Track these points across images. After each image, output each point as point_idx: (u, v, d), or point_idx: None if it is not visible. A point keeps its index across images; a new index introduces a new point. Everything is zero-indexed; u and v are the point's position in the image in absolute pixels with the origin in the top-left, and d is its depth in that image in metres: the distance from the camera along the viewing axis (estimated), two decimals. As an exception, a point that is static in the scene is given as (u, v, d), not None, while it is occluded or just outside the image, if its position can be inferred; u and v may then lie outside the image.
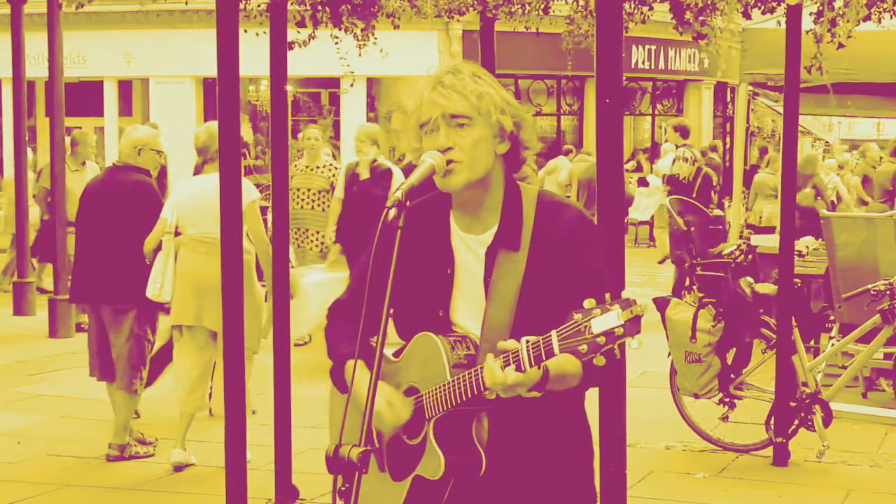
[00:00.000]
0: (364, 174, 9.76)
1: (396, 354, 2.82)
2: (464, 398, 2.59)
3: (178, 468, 6.70)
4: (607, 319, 2.33)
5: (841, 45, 6.27)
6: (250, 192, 6.66)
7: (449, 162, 2.68)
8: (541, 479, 2.77)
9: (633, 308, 2.32)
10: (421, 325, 2.74)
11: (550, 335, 2.41)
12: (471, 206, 2.77)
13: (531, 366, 2.45)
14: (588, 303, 2.36)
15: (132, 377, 6.93)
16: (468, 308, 2.75)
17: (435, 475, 2.65)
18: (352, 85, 13.59)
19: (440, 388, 2.64)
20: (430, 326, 2.73)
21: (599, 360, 2.36)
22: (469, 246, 2.78)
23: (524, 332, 2.55)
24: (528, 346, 2.45)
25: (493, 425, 2.70)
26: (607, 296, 2.36)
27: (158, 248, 6.76)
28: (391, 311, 2.77)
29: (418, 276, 2.77)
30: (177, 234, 6.77)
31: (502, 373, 2.47)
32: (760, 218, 13.69)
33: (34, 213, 12.99)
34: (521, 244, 2.71)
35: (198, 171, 7.24)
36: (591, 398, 4.42)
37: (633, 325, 2.32)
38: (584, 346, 2.35)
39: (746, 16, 7.66)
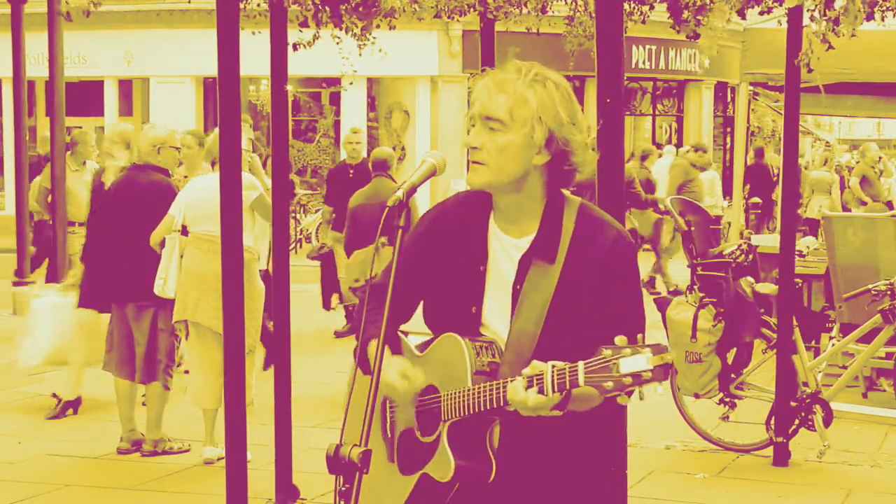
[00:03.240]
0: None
1: (422, 348, 2.81)
2: (482, 409, 2.58)
3: (209, 462, 6.78)
4: (637, 361, 2.33)
5: (831, 47, 6.27)
6: (256, 187, 6.76)
7: (474, 162, 2.68)
8: (555, 488, 2.76)
9: (664, 355, 2.33)
10: (452, 319, 2.73)
11: (577, 366, 2.40)
12: (508, 209, 2.75)
13: (553, 392, 2.44)
14: (620, 340, 2.36)
15: (164, 371, 7.03)
16: (497, 309, 2.74)
17: (443, 478, 2.64)
18: (351, 83, 13.52)
19: (460, 393, 2.62)
20: (461, 322, 2.72)
21: (623, 400, 2.38)
22: (504, 247, 2.76)
23: (549, 345, 2.55)
24: (553, 372, 2.44)
25: (506, 432, 2.68)
26: (640, 336, 2.36)
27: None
28: (421, 301, 2.84)
29: (452, 269, 2.76)
30: (186, 232, 6.82)
31: (525, 393, 2.47)
32: (819, 210, 14.26)
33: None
34: (556, 258, 2.68)
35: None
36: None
37: (662, 372, 2.33)
38: (611, 384, 2.35)
39: (742, 15, 7.64)
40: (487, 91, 2.66)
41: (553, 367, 2.44)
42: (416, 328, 2.90)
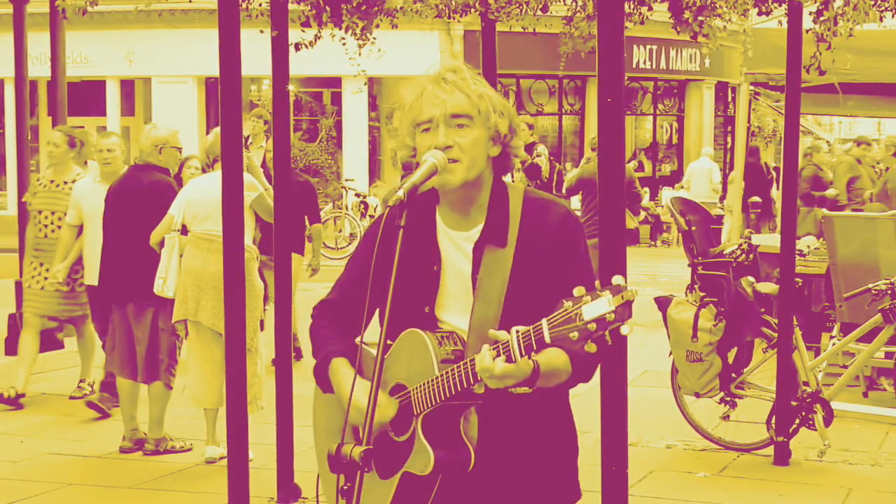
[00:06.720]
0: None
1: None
2: (454, 391, 2.59)
3: (211, 461, 6.79)
4: (598, 305, 2.33)
5: (829, 46, 6.28)
6: (256, 187, 6.78)
7: (449, 160, 2.70)
8: (527, 475, 2.78)
9: (623, 293, 2.32)
10: (406, 321, 2.75)
11: (541, 323, 2.41)
12: (461, 205, 2.80)
13: (521, 355, 2.45)
14: (578, 290, 2.37)
15: (166, 371, 7.05)
16: (454, 305, 2.77)
17: (424, 471, 2.65)
18: (365, 83, 13.25)
19: (429, 382, 2.64)
20: (415, 323, 2.74)
21: (591, 347, 2.36)
22: (455, 243, 2.80)
23: (511, 327, 2.55)
24: (518, 336, 2.46)
25: (482, 421, 2.70)
26: (597, 283, 2.37)
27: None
28: (377, 308, 2.80)
29: (404, 273, 2.74)
30: (186, 231, 6.84)
31: (491, 362, 2.48)
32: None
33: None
34: (507, 241, 2.74)
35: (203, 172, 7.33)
36: (593, 397, 4.45)
37: (625, 311, 2.32)
38: (575, 333, 2.35)
39: (743, 15, 7.65)
40: (445, 90, 2.72)
41: (517, 331, 2.46)
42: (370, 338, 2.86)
